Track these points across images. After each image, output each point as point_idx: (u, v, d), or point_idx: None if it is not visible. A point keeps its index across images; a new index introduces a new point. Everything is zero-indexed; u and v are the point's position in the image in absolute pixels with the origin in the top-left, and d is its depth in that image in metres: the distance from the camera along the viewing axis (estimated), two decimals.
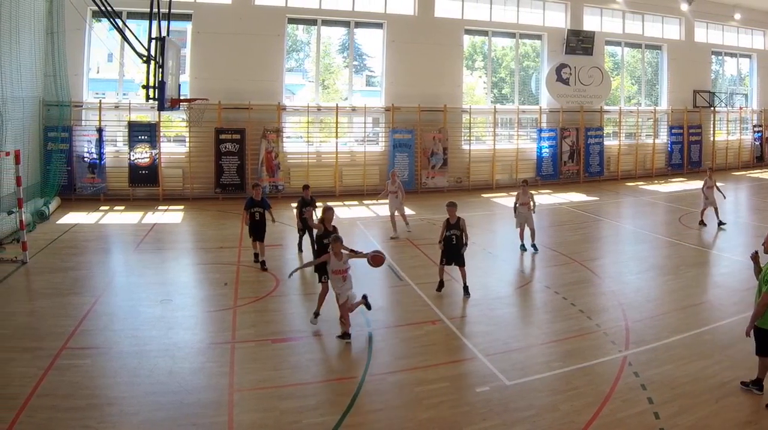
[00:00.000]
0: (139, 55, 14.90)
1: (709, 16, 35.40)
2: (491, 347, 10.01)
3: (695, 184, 29.76)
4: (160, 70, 14.86)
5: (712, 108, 35.68)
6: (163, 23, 15.82)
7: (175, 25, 19.19)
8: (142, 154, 23.88)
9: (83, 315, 11.22)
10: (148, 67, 14.81)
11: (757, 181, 31.90)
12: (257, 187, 15.11)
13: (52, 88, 22.09)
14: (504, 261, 16.07)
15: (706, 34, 35.95)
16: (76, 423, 7.49)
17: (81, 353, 9.54)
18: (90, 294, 12.54)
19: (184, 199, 24.26)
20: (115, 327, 10.77)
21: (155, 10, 15.23)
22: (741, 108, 37.86)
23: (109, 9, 14.72)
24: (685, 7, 33.71)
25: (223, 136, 24.61)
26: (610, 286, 13.55)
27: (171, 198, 24.22)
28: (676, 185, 30.52)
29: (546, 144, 30.23)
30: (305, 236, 15.65)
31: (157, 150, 24.01)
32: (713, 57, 36.82)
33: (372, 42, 28.75)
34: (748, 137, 38.31)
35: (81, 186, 23.32)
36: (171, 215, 21.60)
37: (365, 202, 24.41)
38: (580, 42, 30.98)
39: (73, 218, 20.39)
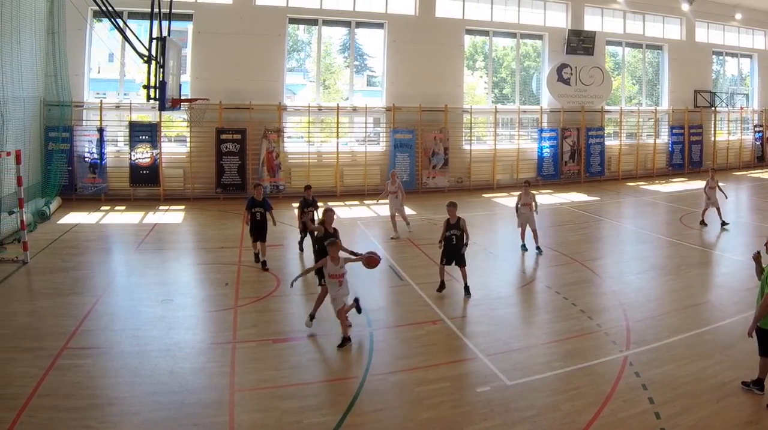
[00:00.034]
0: (140, 55, 14.91)
1: (710, 16, 35.39)
2: (492, 347, 10.01)
3: (696, 184, 29.81)
4: (161, 70, 14.87)
5: (713, 108, 35.67)
6: (164, 23, 15.83)
7: (176, 25, 19.24)
8: (142, 154, 23.88)
9: (84, 315, 11.22)
10: (149, 67, 14.83)
11: (758, 182, 31.88)
12: (259, 187, 15.08)
13: (53, 88, 22.10)
14: (505, 261, 16.06)
15: (707, 34, 35.93)
16: (77, 423, 7.49)
17: (82, 353, 9.54)
18: (91, 294, 12.54)
19: (185, 200, 24.26)
20: (116, 327, 10.78)
21: (156, 10, 15.24)
22: (742, 108, 37.80)
23: (110, 9, 14.72)
24: (686, 7, 33.67)
25: (224, 136, 24.61)
26: (611, 286, 13.55)
27: (172, 198, 24.22)
28: (677, 185, 30.50)
29: (547, 144, 30.21)
30: (306, 236, 15.63)
31: (158, 150, 24.01)
32: (714, 57, 36.78)
33: (373, 42, 28.75)
34: (748, 137, 38.30)
35: (82, 186, 23.32)
36: (172, 215, 21.61)
37: (366, 202, 24.41)
38: (581, 42, 30.97)
39: (74, 218, 20.39)
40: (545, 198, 25.37)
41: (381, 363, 9.48)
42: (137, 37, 15.19)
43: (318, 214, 14.98)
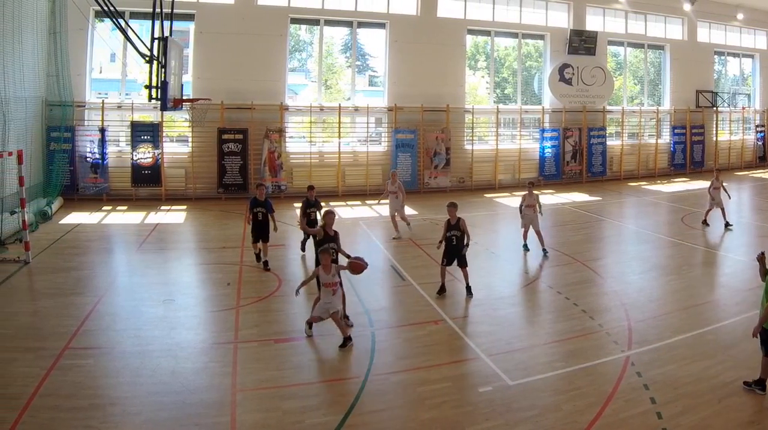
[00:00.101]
0: (142, 55, 14.93)
1: (712, 16, 35.37)
2: (494, 347, 10.00)
3: (698, 184, 29.85)
4: (162, 70, 14.88)
5: (714, 108, 35.62)
6: (166, 23, 15.86)
7: (178, 25, 19.29)
8: (144, 154, 23.88)
9: (86, 315, 11.22)
10: (150, 67, 14.84)
11: (760, 182, 31.86)
12: (261, 187, 15.03)
13: (54, 88, 22.14)
14: (506, 261, 16.05)
15: (708, 34, 35.92)
16: (78, 423, 7.49)
17: (83, 353, 9.54)
18: (92, 294, 12.54)
19: (186, 199, 24.26)
20: (118, 327, 10.78)
21: (158, 10, 15.26)
22: (744, 108, 37.75)
23: (112, 9, 14.74)
24: (688, 7, 33.63)
25: (226, 136, 24.61)
26: (612, 286, 13.54)
27: (173, 198, 24.23)
28: (678, 185, 30.48)
29: (548, 144, 30.19)
30: (309, 237, 15.58)
31: (160, 150, 24.02)
32: (716, 57, 36.74)
33: (375, 42, 28.76)
34: (750, 137, 38.30)
35: (84, 186, 23.33)
36: (174, 215, 21.61)
37: (368, 202, 24.40)
38: (582, 42, 30.96)
39: (76, 217, 20.40)
40: (547, 198, 25.33)
41: (383, 363, 9.47)
42: (139, 37, 15.22)
43: (320, 215, 14.93)
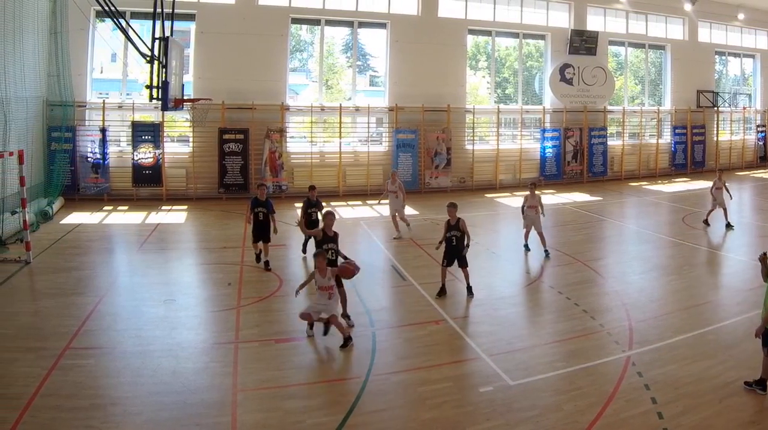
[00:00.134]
0: (143, 55, 14.93)
1: (713, 16, 35.37)
2: (495, 347, 10.00)
3: (699, 184, 29.86)
4: (163, 70, 14.89)
5: (715, 108, 35.63)
6: (167, 23, 15.87)
7: (179, 25, 19.29)
8: (145, 154, 23.89)
9: (87, 315, 11.22)
10: (151, 67, 14.85)
11: (761, 182, 31.84)
12: (262, 187, 15.01)
13: (55, 88, 22.15)
14: (507, 261, 16.05)
15: (709, 34, 35.92)
16: (79, 423, 7.49)
17: (84, 353, 9.54)
18: (93, 294, 12.54)
19: (187, 199, 24.27)
20: (119, 327, 10.77)
21: (159, 10, 15.26)
22: (744, 108, 37.77)
23: (113, 9, 14.75)
24: (689, 7, 33.65)
25: (227, 136, 24.62)
26: (613, 286, 13.53)
27: (174, 198, 24.24)
28: (679, 185, 30.48)
29: (549, 144, 30.18)
30: (310, 238, 15.54)
31: (161, 150, 24.03)
32: (717, 57, 36.74)
33: (375, 42, 28.77)
34: (751, 137, 38.30)
35: (84, 186, 23.34)
36: (174, 215, 21.61)
37: (369, 202, 24.39)
38: (583, 42, 30.95)
39: (77, 217, 20.40)
40: (548, 198, 25.27)
41: (383, 363, 9.47)
42: (140, 37, 15.23)
43: (321, 215, 14.90)
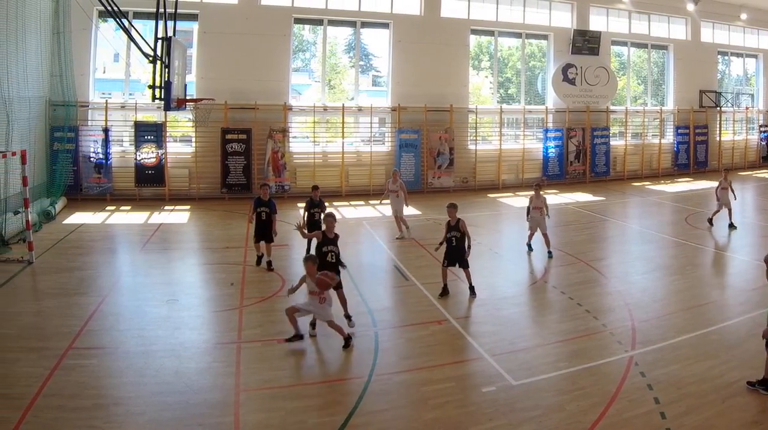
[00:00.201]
0: (146, 55, 14.94)
1: (716, 16, 35.32)
2: (497, 347, 9.99)
3: (701, 184, 29.86)
4: (166, 70, 14.89)
5: (718, 108, 35.58)
6: (170, 23, 15.88)
7: (182, 25, 19.29)
8: (148, 154, 23.91)
9: (89, 315, 11.23)
10: (154, 67, 14.85)
11: (764, 182, 31.77)
12: (265, 187, 14.97)
13: (58, 88, 22.13)
14: (510, 261, 16.04)
15: (712, 34, 35.86)
16: (82, 423, 7.50)
17: (87, 353, 9.55)
18: (96, 294, 12.55)
19: (190, 199, 24.29)
20: (121, 327, 10.78)
21: (161, 10, 15.27)
22: (747, 108, 37.74)
23: (116, 9, 14.76)
24: (692, 7, 33.64)
25: (230, 136, 24.63)
26: (616, 286, 13.52)
27: (177, 198, 24.26)
28: (682, 185, 30.43)
29: (552, 144, 30.17)
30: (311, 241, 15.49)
31: (164, 150, 24.03)
32: (719, 57, 36.70)
33: (378, 42, 28.75)
34: (754, 137, 38.23)
35: (87, 186, 23.36)
36: (177, 215, 21.62)
37: (371, 202, 24.37)
38: (586, 42, 30.93)
39: (79, 217, 20.42)
40: (551, 198, 25.04)
41: (386, 363, 9.46)
42: (142, 37, 15.22)
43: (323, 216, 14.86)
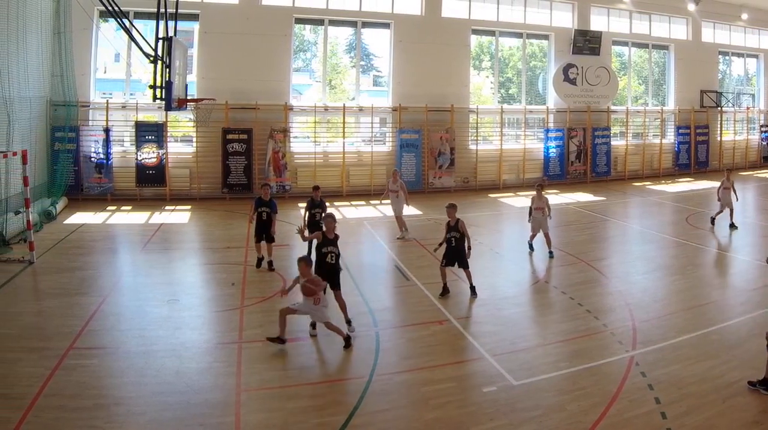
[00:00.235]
0: (146, 55, 14.95)
1: (716, 16, 35.30)
2: (498, 347, 9.99)
3: (702, 184, 29.84)
4: (167, 70, 14.89)
5: (719, 108, 35.55)
6: (170, 23, 15.86)
7: (182, 25, 19.28)
8: (149, 154, 23.91)
9: (90, 315, 11.24)
10: (155, 67, 14.86)
11: (765, 182, 31.74)
12: (266, 187, 14.94)
13: (59, 88, 22.14)
14: (511, 261, 16.03)
15: (713, 34, 35.84)
16: (83, 423, 7.50)
17: (88, 353, 9.55)
18: (97, 294, 12.56)
19: (191, 199, 24.29)
20: (122, 327, 10.79)
21: (162, 10, 15.27)
22: (748, 108, 37.74)
23: (116, 9, 14.77)
24: (692, 7, 33.63)
25: (230, 136, 24.64)
26: (617, 286, 13.51)
27: (178, 198, 24.26)
28: (683, 185, 30.43)
29: (553, 144, 30.16)
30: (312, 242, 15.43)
31: (164, 150, 24.04)
32: (720, 57, 36.69)
33: (379, 42, 28.74)
34: (755, 137, 38.20)
35: (88, 186, 23.36)
36: (178, 215, 21.63)
37: (372, 202, 24.36)
38: (587, 42, 30.92)
39: (80, 217, 20.43)
40: (551, 198, 24.96)
41: (387, 363, 9.47)
42: (143, 37, 15.23)
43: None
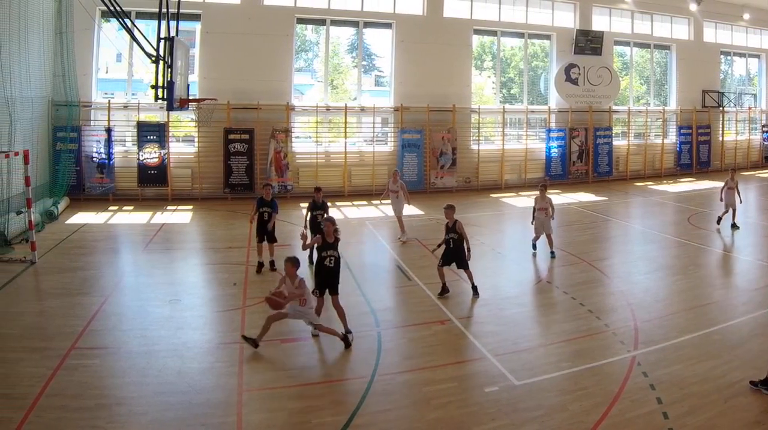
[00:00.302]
0: (148, 55, 14.92)
1: (718, 16, 35.27)
2: (500, 347, 9.99)
3: (704, 184, 29.82)
4: (169, 70, 14.86)
5: (720, 108, 35.53)
6: (172, 23, 15.83)
7: (184, 25, 19.21)
8: (151, 154, 23.92)
9: (92, 315, 11.24)
10: (156, 67, 14.83)
11: (766, 182, 31.69)
12: (267, 187, 14.91)
13: (61, 88, 22.15)
14: (513, 261, 16.03)
15: (715, 34, 35.80)
16: (85, 423, 7.51)
17: (90, 353, 9.56)
18: (99, 294, 12.57)
19: (192, 199, 24.29)
20: (124, 327, 10.80)
21: (164, 10, 15.25)
22: (750, 108, 37.69)
23: (118, 9, 14.75)
24: (694, 7, 33.60)
25: (232, 136, 24.64)
26: (619, 286, 13.51)
27: (180, 198, 24.26)
28: (684, 185, 30.41)
29: (555, 144, 30.14)
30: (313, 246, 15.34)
31: (166, 150, 24.05)
32: (722, 57, 36.67)
33: (381, 42, 28.74)
34: (756, 137, 38.16)
35: (90, 186, 23.37)
36: (180, 215, 21.64)
37: (374, 202, 24.34)
38: (588, 42, 30.90)
39: (82, 217, 20.44)
40: (553, 198, 24.89)
41: (389, 363, 9.47)
42: (145, 37, 15.20)
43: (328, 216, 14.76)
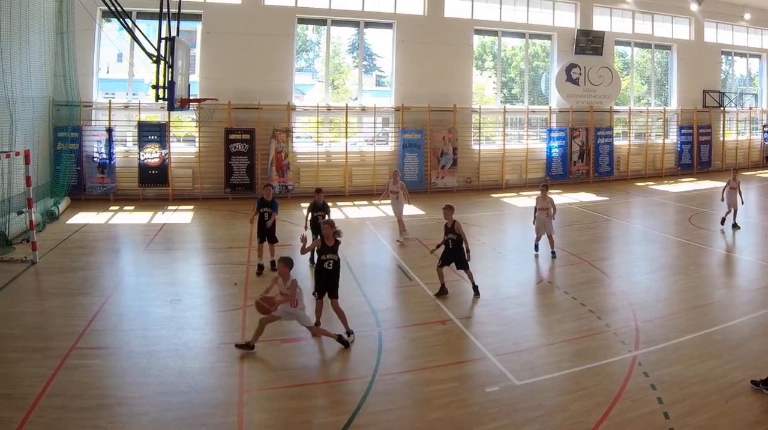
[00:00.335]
0: (149, 55, 14.93)
1: (719, 16, 35.25)
2: (501, 347, 9.99)
3: (705, 184, 29.80)
4: (169, 70, 14.88)
5: (721, 108, 35.52)
6: (173, 23, 15.85)
7: (185, 25, 19.22)
8: (151, 154, 23.93)
9: (93, 315, 11.25)
10: (157, 67, 14.84)
11: (767, 182, 31.66)
12: (268, 188, 14.89)
13: (61, 88, 22.15)
14: (513, 261, 16.02)
15: (715, 34, 35.78)
16: (85, 423, 7.51)
17: (90, 353, 9.56)
18: (99, 294, 12.57)
19: (193, 199, 24.29)
20: (125, 327, 10.80)
21: (165, 10, 15.26)
22: (751, 108, 37.68)
23: (119, 9, 14.76)
24: (695, 7, 33.58)
25: (233, 136, 24.64)
26: (619, 286, 13.50)
27: (180, 198, 24.26)
28: (685, 185, 30.39)
29: (556, 144, 30.13)
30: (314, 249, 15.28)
31: (167, 150, 24.05)
32: (723, 57, 36.64)
33: (382, 42, 28.73)
34: (757, 137, 38.12)
35: (91, 186, 23.38)
36: (180, 215, 21.64)
37: (375, 202, 24.32)
38: (589, 42, 30.89)
39: (83, 217, 20.45)
40: (554, 198, 25.01)
41: (390, 363, 9.47)
42: (146, 37, 15.21)
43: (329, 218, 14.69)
